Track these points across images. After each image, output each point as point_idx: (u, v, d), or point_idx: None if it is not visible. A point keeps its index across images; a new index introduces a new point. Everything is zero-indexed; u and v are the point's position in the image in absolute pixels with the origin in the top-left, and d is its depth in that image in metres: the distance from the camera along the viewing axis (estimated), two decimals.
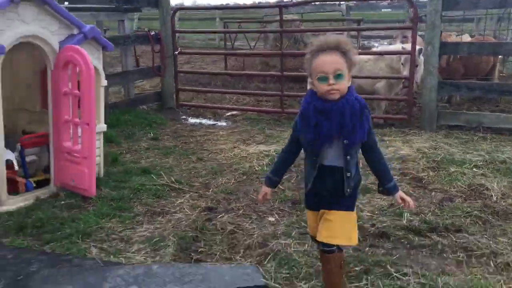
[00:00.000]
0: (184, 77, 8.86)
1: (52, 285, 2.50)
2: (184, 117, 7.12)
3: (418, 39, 6.02)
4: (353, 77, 6.32)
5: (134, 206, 3.71)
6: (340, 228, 2.24)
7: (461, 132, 5.76)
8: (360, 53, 6.69)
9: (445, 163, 4.64)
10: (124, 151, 5.20)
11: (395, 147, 5.24)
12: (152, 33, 6.97)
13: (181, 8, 10.13)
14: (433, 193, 3.99)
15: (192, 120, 6.96)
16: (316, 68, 2.14)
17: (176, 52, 7.23)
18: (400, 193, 2.31)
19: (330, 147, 2.17)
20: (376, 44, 15.19)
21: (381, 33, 17.01)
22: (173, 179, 4.28)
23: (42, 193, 3.85)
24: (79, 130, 3.80)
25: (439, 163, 4.66)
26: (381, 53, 6.35)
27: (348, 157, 2.17)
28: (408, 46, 6.05)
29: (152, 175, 4.37)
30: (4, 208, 3.52)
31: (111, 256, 2.91)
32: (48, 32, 3.68)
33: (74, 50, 3.66)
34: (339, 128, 2.11)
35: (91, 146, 3.74)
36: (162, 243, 3.08)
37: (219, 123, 6.83)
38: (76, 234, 3.16)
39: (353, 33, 11.97)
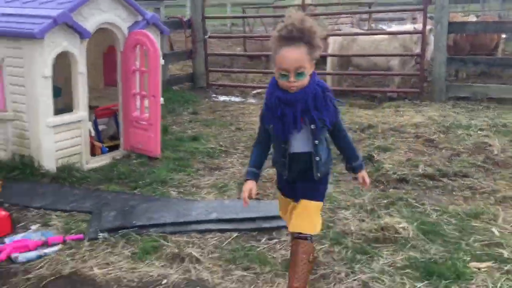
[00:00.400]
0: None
1: (151, 213, 3.26)
2: (214, 95, 7.84)
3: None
4: (370, 55, 6.97)
5: (193, 164, 4.46)
6: (307, 217, 2.26)
7: (468, 102, 6.45)
8: (376, 34, 7.38)
9: (453, 128, 5.35)
10: (171, 123, 5.94)
11: (409, 116, 5.95)
12: (185, 19, 7.66)
13: None
14: (443, 150, 4.70)
15: (222, 98, 7.68)
16: (278, 63, 2.09)
17: (206, 36, 7.94)
18: (363, 173, 2.37)
19: (298, 134, 2.15)
20: (384, 27, 15.74)
21: (389, 15, 17.50)
22: (220, 143, 5.03)
23: (116, 154, 4.61)
24: (146, 101, 4.53)
25: (448, 127, 5.37)
26: (394, 33, 7.01)
27: (316, 141, 2.15)
28: (419, 27, 6.72)
29: (201, 141, 5.12)
30: (89, 166, 4.28)
31: (189, 196, 3.67)
32: (119, 19, 4.39)
33: (142, 34, 4.38)
34: (303, 115, 2.11)
35: (157, 114, 4.48)
36: (225, 188, 3.83)
37: (248, 100, 7.55)
38: (155, 182, 3.92)
39: (364, 16, 12.60)
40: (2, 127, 4.10)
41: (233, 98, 7.68)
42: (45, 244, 2.95)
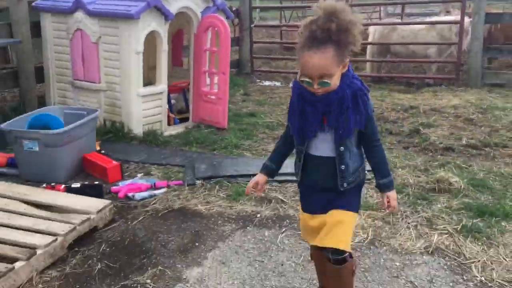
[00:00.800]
0: None
1: (235, 167, 3.83)
2: (258, 80, 8.40)
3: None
4: (408, 43, 7.39)
5: (257, 134, 5.01)
6: (342, 230, 1.93)
7: (503, 89, 6.87)
8: (416, 23, 7.83)
9: (490, 109, 5.79)
10: None
11: (447, 99, 6.40)
12: (234, 9, 8.21)
13: None
14: (482, 127, 5.16)
15: (267, 83, 8.22)
16: (300, 67, 1.82)
17: (252, 25, 8.48)
18: (390, 194, 1.98)
19: (321, 136, 1.90)
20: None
21: (422, 11, 17.79)
22: (278, 118, 5.58)
23: (187, 125, 5.19)
24: (215, 78, 5.10)
25: (485, 109, 5.81)
26: (434, 23, 7.47)
27: (341, 148, 1.89)
28: (457, 17, 7.15)
29: (259, 116, 5.67)
30: (167, 133, 4.86)
31: (262, 157, 4.22)
32: (195, 5, 4.96)
33: (214, 18, 4.95)
34: (326, 116, 1.86)
35: (225, 89, 5.04)
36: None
37: (290, 85, 8.07)
38: (229, 146, 4.49)
39: (391, 11, 13.00)
40: (96, 97, 4.71)
41: (276, 83, 8.22)
42: (153, 188, 3.53)
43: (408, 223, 3.03)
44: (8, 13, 4.97)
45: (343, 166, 1.91)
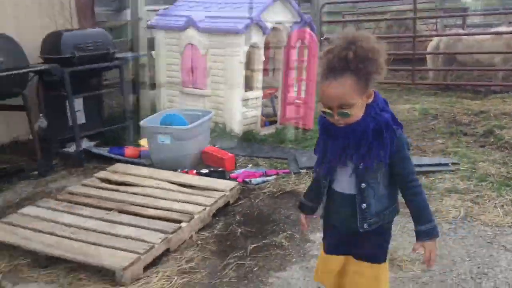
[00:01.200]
0: None
1: (309, 158, 4.40)
2: None
3: None
4: (473, 53, 7.78)
5: None
6: (368, 286, 1.95)
7: None
8: (482, 33, 8.20)
9: None
10: None
11: None
12: None
13: (329, 2, 11.76)
14: None
15: None
16: (320, 98, 1.78)
17: (322, 38, 9.10)
18: (426, 244, 1.81)
19: (343, 171, 1.84)
20: None
21: (478, 22, 17.85)
22: None
23: (276, 127, 5.83)
24: (303, 85, 5.72)
25: None
26: (500, 33, 7.83)
27: (362, 184, 1.80)
28: None
29: None
30: (262, 133, 5.51)
31: None
32: (285, 20, 5.63)
33: (304, 32, 5.59)
34: (345, 149, 1.79)
35: (312, 95, 5.65)
36: None
37: None
38: (311, 145, 5.06)
39: (449, 23, 13.25)
40: (202, 102, 5.44)
41: None
42: (265, 175, 4.17)
43: (495, 204, 3.50)
44: (122, 29, 5.82)
45: (364, 204, 1.82)
